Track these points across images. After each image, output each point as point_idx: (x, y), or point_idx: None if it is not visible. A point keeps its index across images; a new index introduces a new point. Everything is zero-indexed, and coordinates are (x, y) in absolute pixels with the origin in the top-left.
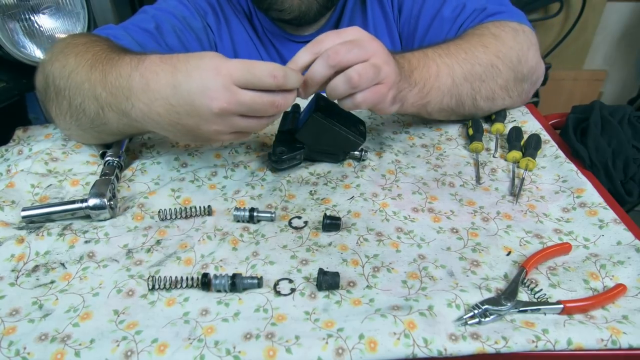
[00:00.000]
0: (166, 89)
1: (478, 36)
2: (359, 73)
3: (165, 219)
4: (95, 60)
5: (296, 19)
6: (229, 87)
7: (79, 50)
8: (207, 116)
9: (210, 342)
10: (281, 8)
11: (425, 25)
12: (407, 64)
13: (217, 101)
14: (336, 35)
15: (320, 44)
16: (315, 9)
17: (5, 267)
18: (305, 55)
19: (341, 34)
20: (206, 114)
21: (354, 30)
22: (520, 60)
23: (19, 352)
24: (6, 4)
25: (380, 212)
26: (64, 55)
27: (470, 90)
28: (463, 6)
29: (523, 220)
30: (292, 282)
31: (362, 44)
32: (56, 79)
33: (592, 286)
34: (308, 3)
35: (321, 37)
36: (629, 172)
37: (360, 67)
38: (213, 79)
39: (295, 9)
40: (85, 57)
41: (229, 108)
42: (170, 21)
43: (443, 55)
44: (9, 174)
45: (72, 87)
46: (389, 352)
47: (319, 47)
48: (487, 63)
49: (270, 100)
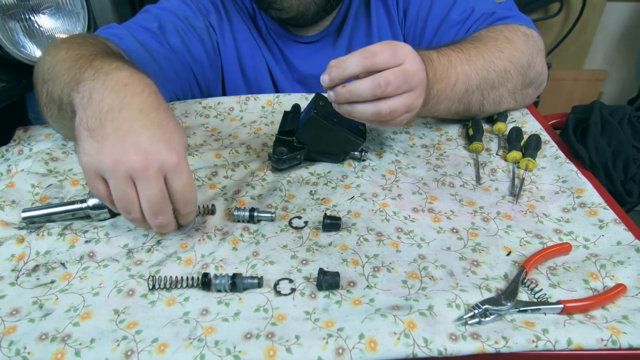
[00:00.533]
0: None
1: (494, 40)
2: (390, 110)
3: None
4: (88, 54)
5: (294, 18)
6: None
7: (73, 46)
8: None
9: (210, 341)
10: (280, 7)
11: (433, 29)
12: (433, 75)
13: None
14: (391, 53)
15: (373, 57)
16: (313, 10)
17: (6, 266)
18: (355, 66)
19: (396, 52)
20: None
21: (405, 50)
22: (530, 65)
23: (19, 352)
24: (6, 4)
25: (381, 212)
26: (57, 49)
27: (479, 97)
28: (472, 10)
29: (523, 220)
30: (292, 282)
31: (409, 75)
32: (45, 71)
33: (592, 286)
34: (306, 4)
35: (375, 49)
36: (629, 173)
37: (395, 104)
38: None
39: (293, 9)
40: (78, 51)
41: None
42: (172, 21)
43: (464, 62)
44: (9, 173)
45: (53, 75)
46: (389, 352)
47: (371, 61)
48: (501, 69)
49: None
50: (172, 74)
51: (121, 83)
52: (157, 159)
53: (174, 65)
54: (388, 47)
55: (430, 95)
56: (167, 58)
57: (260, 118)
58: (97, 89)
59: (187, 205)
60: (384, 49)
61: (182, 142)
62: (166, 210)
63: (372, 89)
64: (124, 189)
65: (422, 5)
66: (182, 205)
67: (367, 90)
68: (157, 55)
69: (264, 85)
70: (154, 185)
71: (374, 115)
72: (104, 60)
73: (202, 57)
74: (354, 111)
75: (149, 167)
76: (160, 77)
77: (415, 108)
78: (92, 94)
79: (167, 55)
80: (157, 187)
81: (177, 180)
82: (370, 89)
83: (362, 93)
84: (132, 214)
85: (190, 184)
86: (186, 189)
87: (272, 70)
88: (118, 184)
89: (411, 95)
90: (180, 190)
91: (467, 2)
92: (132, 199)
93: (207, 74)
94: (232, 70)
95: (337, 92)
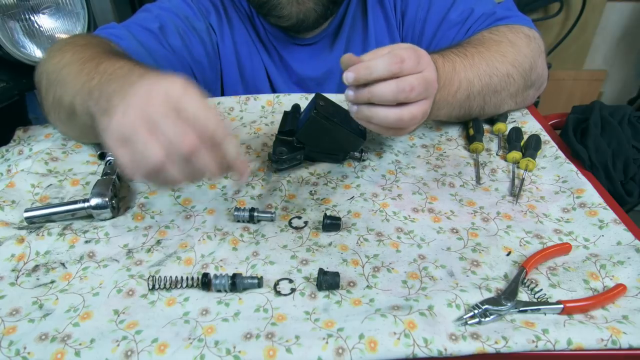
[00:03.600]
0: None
1: (497, 43)
2: (412, 116)
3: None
4: (93, 57)
5: (294, 26)
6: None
7: (77, 49)
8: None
9: (210, 342)
10: (280, 15)
11: (433, 30)
12: (438, 82)
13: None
14: (416, 60)
15: (402, 63)
16: (313, 18)
17: (6, 266)
18: (383, 70)
19: (420, 59)
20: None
21: (427, 58)
22: (532, 68)
23: (19, 352)
24: (6, 4)
25: (381, 212)
26: (61, 52)
27: (481, 102)
28: (471, 10)
29: (523, 220)
30: (292, 282)
31: (429, 82)
32: (50, 74)
33: (592, 286)
34: (306, 11)
35: (403, 55)
36: (629, 173)
37: (415, 110)
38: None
39: (293, 16)
40: (83, 54)
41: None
42: (173, 21)
43: (468, 68)
44: (9, 174)
45: (60, 79)
46: (389, 352)
47: (399, 67)
48: (504, 73)
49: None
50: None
51: (124, 73)
52: (160, 90)
53: (174, 66)
54: (414, 54)
55: (433, 102)
56: (168, 59)
57: (260, 118)
58: (106, 87)
59: (216, 128)
60: (411, 56)
61: (190, 81)
62: (191, 131)
63: (396, 93)
64: (137, 131)
65: (420, 6)
66: (209, 130)
67: (391, 94)
68: (158, 56)
69: (261, 87)
70: (164, 111)
71: (396, 121)
72: (108, 63)
73: (202, 58)
74: (374, 116)
75: (153, 98)
76: None
77: (428, 115)
78: (101, 92)
79: (167, 55)
80: (167, 111)
81: (190, 104)
82: (394, 92)
83: (386, 96)
84: (153, 154)
85: (205, 107)
86: (202, 112)
87: (269, 72)
88: (130, 131)
89: (428, 102)
90: (199, 111)
91: (466, 2)
92: (148, 137)
93: (207, 75)
94: (230, 72)
95: (358, 93)
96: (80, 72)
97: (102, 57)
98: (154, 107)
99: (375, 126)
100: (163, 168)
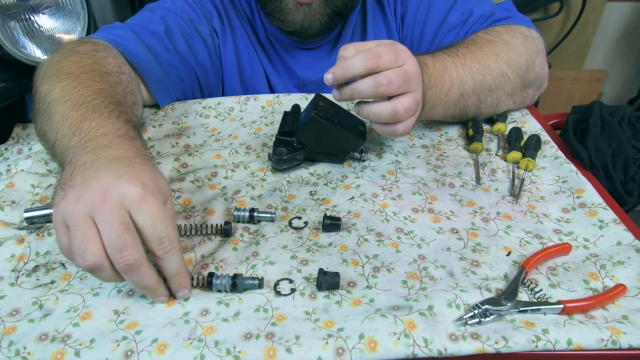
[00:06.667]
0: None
1: (490, 43)
2: (405, 108)
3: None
4: (81, 103)
5: (296, 32)
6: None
7: (68, 83)
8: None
9: (210, 342)
10: (284, 19)
11: (432, 33)
12: (427, 80)
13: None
14: (393, 55)
15: (378, 59)
16: (317, 28)
17: (6, 267)
18: (360, 67)
19: (398, 54)
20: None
21: (406, 52)
22: (529, 67)
23: (19, 352)
24: (6, 4)
25: (380, 212)
26: (53, 80)
27: (476, 101)
28: (470, 12)
29: (523, 220)
30: (292, 282)
31: (409, 76)
32: (39, 102)
33: (592, 286)
34: (311, 21)
35: (379, 50)
36: (629, 173)
37: (408, 102)
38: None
39: (297, 23)
40: (73, 93)
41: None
42: (178, 24)
43: (459, 67)
44: (9, 173)
45: (47, 114)
46: (389, 352)
47: (376, 62)
48: (497, 72)
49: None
50: (176, 79)
51: (101, 146)
52: (117, 192)
53: (178, 70)
54: (391, 49)
55: (425, 99)
56: (172, 62)
57: (260, 118)
58: (79, 154)
59: (162, 242)
60: (387, 51)
61: (153, 181)
62: (131, 245)
63: (374, 88)
64: (79, 226)
65: (420, 9)
66: (156, 244)
67: (369, 89)
68: (162, 60)
69: (261, 90)
70: (113, 217)
71: (390, 114)
72: (92, 122)
73: (206, 61)
74: (370, 113)
75: (107, 200)
76: (164, 82)
77: (420, 109)
78: (72, 159)
79: (172, 59)
80: (116, 219)
81: (143, 214)
82: (372, 87)
83: (365, 91)
84: (87, 255)
85: (161, 218)
86: (156, 223)
87: (269, 77)
88: (75, 222)
89: (416, 94)
90: (148, 224)
91: (465, 4)
92: (88, 235)
93: (210, 78)
94: (231, 75)
95: (341, 91)
96: (65, 120)
97: (87, 109)
98: (105, 208)
99: (376, 124)
100: (94, 270)
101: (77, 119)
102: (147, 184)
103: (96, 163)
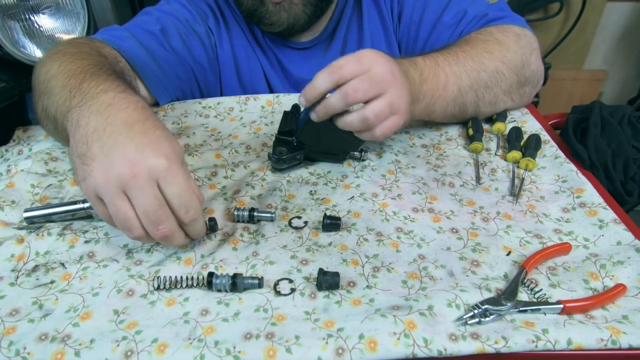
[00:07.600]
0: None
1: (483, 42)
2: (375, 113)
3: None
4: (79, 71)
5: (285, 31)
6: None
7: (66, 59)
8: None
9: (210, 342)
10: (270, 22)
11: (427, 32)
12: (419, 75)
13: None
14: (356, 63)
15: (339, 70)
16: (303, 21)
17: (5, 267)
18: (324, 83)
19: (361, 60)
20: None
21: (370, 56)
22: (524, 65)
23: (19, 352)
24: (6, 4)
25: (380, 212)
26: (51, 61)
27: (474, 98)
28: (464, 12)
29: (523, 220)
30: (292, 282)
31: (376, 79)
32: (39, 84)
33: (592, 286)
34: (295, 15)
35: (341, 62)
36: (629, 173)
37: (377, 106)
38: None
39: (283, 22)
40: (70, 66)
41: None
42: (174, 24)
43: (452, 64)
44: (9, 174)
45: (47, 90)
46: (389, 352)
47: (338, 74)
48: (492, 69)
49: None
50: (173, 76)
51: (105, 104)
52: (145, 165)
53: (175, 68)
54: (352, 58)
55: (420, 93)
56: (169, 60)
57: (260, 118)
58: (84, 114)
59: (188, 211)
60: (349, 60)
61: (172, 148)
62: (166, 219)
63: (343, 99)
64: (117, 204)
65: (416, 9)
66: (183, 212)
67: (340, 102)
68: (159, 58)
69: (259, 89)
70: (146, 194)
71: (361, 122)
72: (91, 82)
73: (203, 60)
74: (344, 124)
75: (137, 175)
76: (161, 79)
77: (401, 107)
78: (79, 121)
79: (168, 57)
80: (150, 195)
81: (170, 186)
82: (341, 99)
83: (335, 105)
84: (133, 230)
85: (187, 188)
86: (183, 193)
87: (267, 75)
88: (111, 200)
89: (390, 95)
90: (176, 195)
91: (459, 4)
92: (128, 213)
93: (208, 77)
94: (228, 75)
95: (317, 111)
96: (64, 87)
97: (86, 74)
98: (137, 183)
99: (356, 133)
100: (138, 239)
101: (76, 84)
102: (169, 154)
103: (109, 130)
